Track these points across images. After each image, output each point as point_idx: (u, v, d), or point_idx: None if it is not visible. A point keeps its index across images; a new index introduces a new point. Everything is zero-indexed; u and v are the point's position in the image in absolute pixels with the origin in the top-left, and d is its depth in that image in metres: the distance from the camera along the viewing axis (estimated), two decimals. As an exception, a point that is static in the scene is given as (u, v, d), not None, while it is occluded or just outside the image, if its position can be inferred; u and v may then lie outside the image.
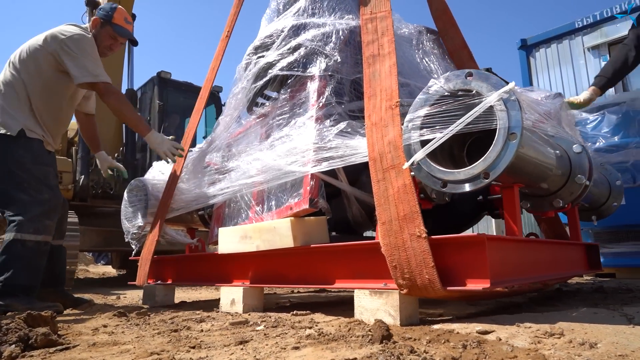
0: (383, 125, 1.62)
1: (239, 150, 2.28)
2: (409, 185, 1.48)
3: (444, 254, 1.42)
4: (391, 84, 1.68)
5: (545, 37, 5.41)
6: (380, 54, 1.78)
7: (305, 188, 1.77)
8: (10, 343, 1.19)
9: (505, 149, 1.29)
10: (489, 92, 1.34)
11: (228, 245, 2.04)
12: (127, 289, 5.36)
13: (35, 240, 2.17)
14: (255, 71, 2.16)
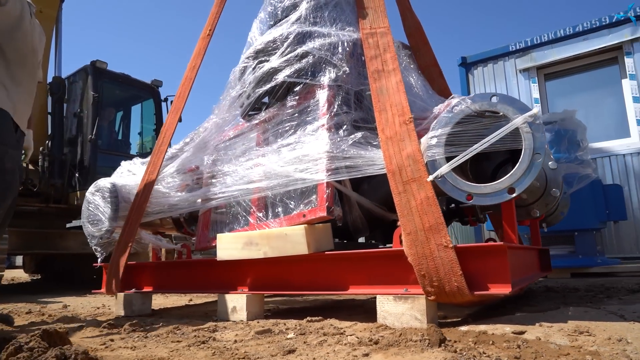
0: (399, 140, 1.70)
1: (235, 155, 2.23)
2: (431, 197, 1.57)
3: (465, 261, 1.53)
4: (401, 99, 1.76)
5: (483, 57, 5.90)
6: (385, 70, 1.85)
7: (322, 196, 1.80)
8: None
9: (531, 167, 1.44)
10: (515, 115, 1.48)
11: (229, 252, 1.99)
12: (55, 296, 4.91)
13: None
14: (258, 75, 2.14)
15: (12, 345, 1.16)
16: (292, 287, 1.91)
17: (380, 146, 1.76)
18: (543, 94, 5.58)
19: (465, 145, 1.54)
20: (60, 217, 6.87)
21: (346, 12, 2.31)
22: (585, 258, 4.03)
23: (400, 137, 1.68)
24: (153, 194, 2.44)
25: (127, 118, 7.67)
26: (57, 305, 3.65)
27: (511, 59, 5.73)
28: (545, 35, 5.51)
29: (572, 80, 5.50)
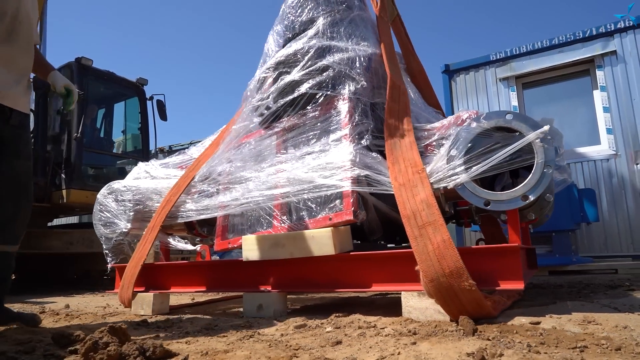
0: (412, 186, 1.78)
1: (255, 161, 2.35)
2: (447, 240, 1.61)
3: (481, 261, 1.72)
4: (413, 155, 1.87)
5: (465, 65, 6.19)
6: (401, 128, 1.98)
7: (348, 201, 1.94)
8: (134, 356, 1.18)
9: (542, 177, 1.64)
10: (528, 131, 1.67)
11: (256, 253, 2.11)
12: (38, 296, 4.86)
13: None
14: (280, 87, 2.26)
15: (89, 340, 1.26)
16: (316, 286, 2.06)
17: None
18: (521, 102, 5.91)
19: (482, 157, 1.72)
20: (43, 216, 6.75)
21: (360, 27, 2.47)
22: (561, 257, 4.34)
23: (413, 183, 1.77)
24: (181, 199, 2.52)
25: (109, 116, 7.59)
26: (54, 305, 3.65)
27: (492, 68, 6.03)
28: (524, 46, 5.84)
29: (548, 90, 5.86)
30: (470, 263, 1.72)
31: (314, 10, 2.45)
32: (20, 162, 2.02)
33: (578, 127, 5.48)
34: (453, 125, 2.15)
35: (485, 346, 1.20)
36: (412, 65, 2.88)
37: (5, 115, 1.95)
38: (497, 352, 1.12)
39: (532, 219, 2.44)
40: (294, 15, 2.50)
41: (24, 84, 2.04)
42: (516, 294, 2.20)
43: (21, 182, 2.02)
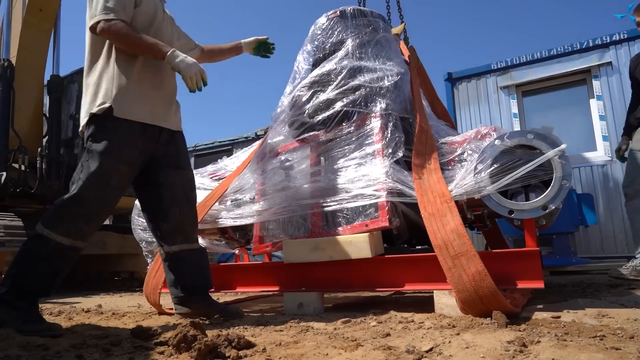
0: (441, 215, 1.89)
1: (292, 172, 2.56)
2: (482, 271, 1.71)
3: (504, 263, 1.95)
4: (441, 187, 2.00)
5: (467, 73, 6.44)
6: (427, 167, 2.13)
7: (383, 209, 2.16)
8: (225, 346, 1.38)
9: (560, 190, 1.87)
10: (547, 149, 1.90)
11: (297, 256, 2.32)
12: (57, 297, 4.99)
13: (61, 242, 1.89)
14: (316, 104, 2.48)
15: (179, 333, 1.45)
16: (352, 286, 2.27)
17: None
18: (521, 109, 6.18)
19: (506, 171, 1.95)
20: (57, 219, 6.88)
21: (385, 48, 2.69)
22: (562, 258, 4.60)
23: (442, 213, 1.88)
24: (214, 207, 2.72)
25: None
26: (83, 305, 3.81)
27: (493, 77, 6.30)
28: (524, 56, 6.11)
29: (546, 98, 6.13)
30: (496, 265, 1.95)
31: (343, 32, 2.66)
32: (179, 172, 2.23)
33: (575, 134, 5.75)
34: (473, 139, 2.38)
35: (521, 335, 1.42)
36: (437, 107, 3.14)
37: (155, 134, 2.14)
38: (534, 339, 1.34)
39: (542, 224, 2.68)
40: (324, 36, 2.71)
41: (174, 104, 2.27)
42: (529, 292, 2.42)
43: (181, 190, 2.23)
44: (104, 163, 1.96)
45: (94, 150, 1.98)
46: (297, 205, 2.43)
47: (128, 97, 2.04)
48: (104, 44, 2.08)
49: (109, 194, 2.02)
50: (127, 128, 2.03)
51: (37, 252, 1.90)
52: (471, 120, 6.33)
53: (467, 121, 6.33)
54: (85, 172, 1.95)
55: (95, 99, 2.03)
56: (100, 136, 1.99)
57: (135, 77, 2.06)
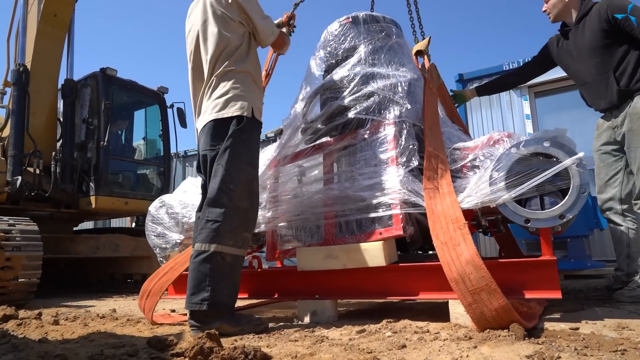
0: (454, 244, 1.80)
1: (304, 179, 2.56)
2: (505, 306, 1.63)
3: (520, 272, 1.92)
4: (455, 212, 1.91)
5: (478, 74, 6.39)
6: (440, 192, 2.06)
7: (398, 217, 2.15)
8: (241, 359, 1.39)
9: (578, 199, 1.84)
10: (564, 157, 1.88)
11: (311, 263, 2.32)
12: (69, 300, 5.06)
13: (234, 254, 2.07)
14: (329, 111, 2.47)
15: (195, 345, 1.46)
16: (367, 294, 2.26)
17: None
18: (533, 110, 6.11)
19: (522, 179, 1.93)
20: (71, 222, 6.99)
21: (398, 54, 2.67)
22: (577, 262, 4.53)
23: (455, 241, 1.79)
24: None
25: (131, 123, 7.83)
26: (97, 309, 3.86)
27: (505, 78, 6.24)
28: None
29: (559, 99, 6.06)
30: (511, 275, 1.93)
31: (356, 38, 2.65)
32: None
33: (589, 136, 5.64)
34: (486, 145, 2.36)
35: (540, 350, 1.40)
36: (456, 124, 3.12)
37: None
38: (554, 355, 1.32)
39: (558, 230, 2.65)
40: (336, 42, 2.71)
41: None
42: (546, 301, 2.40)
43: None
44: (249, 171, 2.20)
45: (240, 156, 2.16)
46: (310, 213, 2.43)
47: (259, 99, 2.34)
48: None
49: (256, 201, 2.23)
50: (259, 131, 2.31)
51: (220, 268, 2.02)
52: (483, 122, 6.28)
53: (479, 123, 6.28)
54: (236, 181, 2.11)
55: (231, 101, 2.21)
56: (244, 141, 2.17)
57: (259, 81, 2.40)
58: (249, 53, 2.30)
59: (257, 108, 2.26)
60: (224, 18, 2.25)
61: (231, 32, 2.26)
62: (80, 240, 6.38)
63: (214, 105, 2.21)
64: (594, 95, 2.79)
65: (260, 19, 2.31)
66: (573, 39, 2.81)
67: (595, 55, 2.69)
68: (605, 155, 2.80)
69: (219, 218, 2.07)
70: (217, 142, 2.18)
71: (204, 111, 2.27)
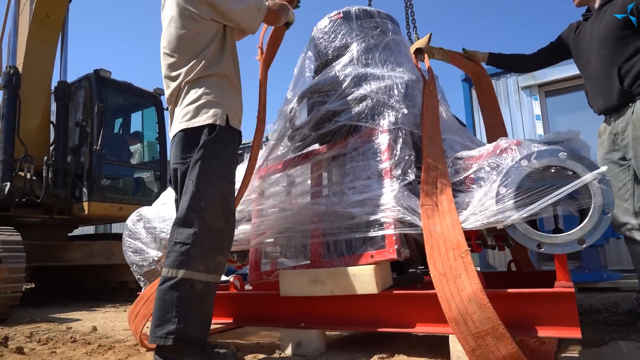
0: (455, 276, 1.57)
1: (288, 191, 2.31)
2: (516, 354, 1.42)
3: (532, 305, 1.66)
4: (456, 235, 1.67)
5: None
6: (440, 210, 1.80)
7: (391, 238, 1.89)
8: None
9: (600, 221, 1.57)
10: (584, 171, 1.61)
11: (294, 289, 2.07)
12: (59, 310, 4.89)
13: (206, 281, 1.82)
14: (317, 117, 2.22)
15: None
16: (357, 324, 2.01)
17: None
18: (544, 110, 5.81)
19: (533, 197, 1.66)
20: (64, 228, 6.81)
21: (395, 53, 2.41)
22: (591, 273, 4.24)
23: (456, 272, 1.56)
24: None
25: (127, 126, 7.63)
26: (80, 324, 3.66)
27: (513, 76, 5.94)
28: (548, 53, 5.72)
29: (572, 98, 5.74)
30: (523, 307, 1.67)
31: (348, 35, 2.40)
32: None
33: (604, 137, 5.36)
34: (492, 154, 2.09)
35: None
36: (483, 82, 2.84)
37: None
38: None
39: (574, 249, 2.38)
40: (326, 40, 2.46)
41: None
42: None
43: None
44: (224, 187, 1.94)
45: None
46: (296, 229, 2.18)
47: (237, 105, 2.07)
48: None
49: (232, 220, 1.98)
50: (236, 141, 2.04)
51: (189, 297, 1.78)
52: (490, 122, 5.98)
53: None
54: (208, 198, 1.86)
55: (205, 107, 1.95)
56: (217, 152, 1.92)
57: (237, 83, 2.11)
58: (224, 52, 2.04)
59: (234, 115, 2.00)
60: (193, 17, 1.99)
61: (201, 32, 2.01)
62: (73, 248, 6.19)
63: (184, 113, 1.96)
64: (595, 92, 2.51)
65: (235, 4, 2.00)
66: (591, 25, 2.53)
67: (604, 46, 2.41)
68: (611, 166, 2.50)
69: (188, 240, 1.82)
70: (187, 155, 1.93)
71: (174, 119, 2.03)
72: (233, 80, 2.06)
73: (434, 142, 2.15)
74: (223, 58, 2.02)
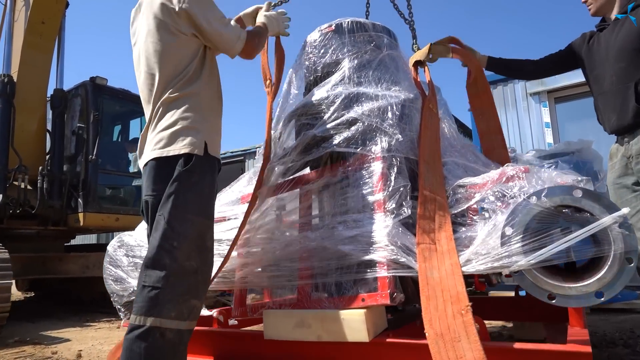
0: (454, 339, 1.39)
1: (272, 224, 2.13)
2: None
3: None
4: (456, 285, 1.49)
5: (493, 79, 5.86)
6: (438, 251, 1.63)
7: (384, 281, 1.71)
8: None
9: (622, 272, 1.37)
10: (602, 213, 1.41)
11: (279, 332, 1.89)
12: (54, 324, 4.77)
13: (177, 329, 1.64)
14: (304, 141, 2.03)
15: None
16: (347, 373, 1.82)
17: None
18: (554, 117, 5.58)
19: (544, 240, 1.47)
20: (60, 239, 6.69)
21: (390, 69, 2.22)
22: (605, 293, 4.01)
23: (455, 335, 1.38)
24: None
25: (125, 133, 7.50)
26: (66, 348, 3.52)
27: (521, 82, 5.71)
28: (557, 58, 5.49)
29: (582, 104, 5.50)
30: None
31: (339, 51, 2.21)
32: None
33: (617, 146, 5.12)
34: (497, 182, 1.89)
35: None
36: (479, 83, 2.59)
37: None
38: None
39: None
40: (316, 55, 2.27)
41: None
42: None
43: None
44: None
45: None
46: (284, 265, 2.00)
47: (215, 130, 1.89)
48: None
49: (210, 258, 1.79)
50: (214, 170, 1.85)
51: (158, 348, 1.59)
52: (497, 130, 5.76)
53: (493, 131, 5.76)
54: (181, 236, 1.68)
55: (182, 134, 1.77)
56: (193, 185, 1.72)
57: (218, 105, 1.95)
58: (203, 70, 1.86)
59: (213, 141, 1.82)
60: (172, 32, 1.82)
61: (181, 49, 1.83)
62: (69, 259, 6.07)
63: (158, 139, 1.78)
64: (607, 109, 2.29)
65: (218, 26, 1.83)
66: (607, 36, 2.31)
67: (621, 59, 2.19)
68: (623, 191, 2.27)
69: (158, 283, 1.64)
70: (159, 186, 1.75)
71: (147, 145, 1.85)
72: (213, 102, 1.88)
73: (433, 169, 1.95)
74: (202, 77, 1.84)
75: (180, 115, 1.78)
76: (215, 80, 1.93)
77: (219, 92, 1.96)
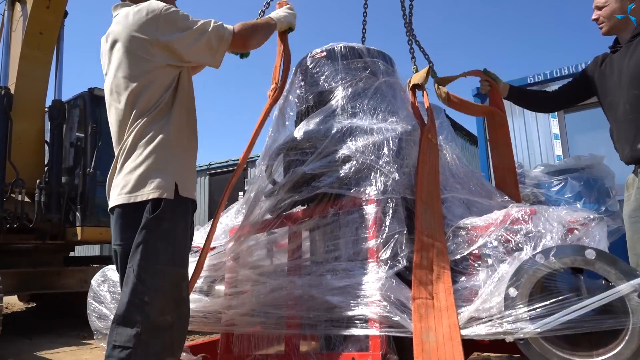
0: None
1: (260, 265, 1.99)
2: None
3: None
4: (454, 354, 1.38)
5: (498, 87, 5.68)
6: (436, 307, 1.50)
7: (376, 340, 1.56)
8: None
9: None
10: (619, 279, 1.25)
11: (265, 389, 1.76)
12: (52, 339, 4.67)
13: None
14: (293, 179, 1.89)
15: None
16: None
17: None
18: (563, 128, 5.37)
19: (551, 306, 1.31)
20: (58, 253, 6.60)
21: (387, 97, 2.07)
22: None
23: None
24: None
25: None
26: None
27: (529, 92, 5.52)
28: (565, 68, 5.29)
29: (592, 115, 5.28)
30: None
31: (332, 79, 2.06)
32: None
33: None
34: (501, 225, 1.74)
35: None
36: (497, 118, 2.50)
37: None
38: None
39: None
40: (308, 83, 2.12)
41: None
42: None
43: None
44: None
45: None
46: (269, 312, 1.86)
47: (188, 167, 1.75)
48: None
49: (186, 310, 1.66)
50: (188, 212, 1.70)
51: None
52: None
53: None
54: (153, 290, 1.54)
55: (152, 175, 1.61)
56: (165, 233, 1.58)
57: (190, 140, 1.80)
58: (175, 102, 1.70)
59: (185, 181, 1.65)
60: (144, 65, 1.67)
61: (154, 81, 1.68)
62: (67, 274, 5.97)
63: (123, 183, 1.63)
64: (621, 139, 2.12)
65: (191, 42, 1.69)
66: (620, 60, 2.13)
67: (635, 86, 2.01)
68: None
69: (128, 343, 1.51)
70: (128, 235, 1.61)
71: (112, 189, 1.70)
72: (183, 138, 1.72)
73: (431, 209, 1.80)
74: (174, 111, 1.69)
75: (146, 155, 1.62)
76: (187, 113, 1.76)
77: (193, 125, 1.79)
